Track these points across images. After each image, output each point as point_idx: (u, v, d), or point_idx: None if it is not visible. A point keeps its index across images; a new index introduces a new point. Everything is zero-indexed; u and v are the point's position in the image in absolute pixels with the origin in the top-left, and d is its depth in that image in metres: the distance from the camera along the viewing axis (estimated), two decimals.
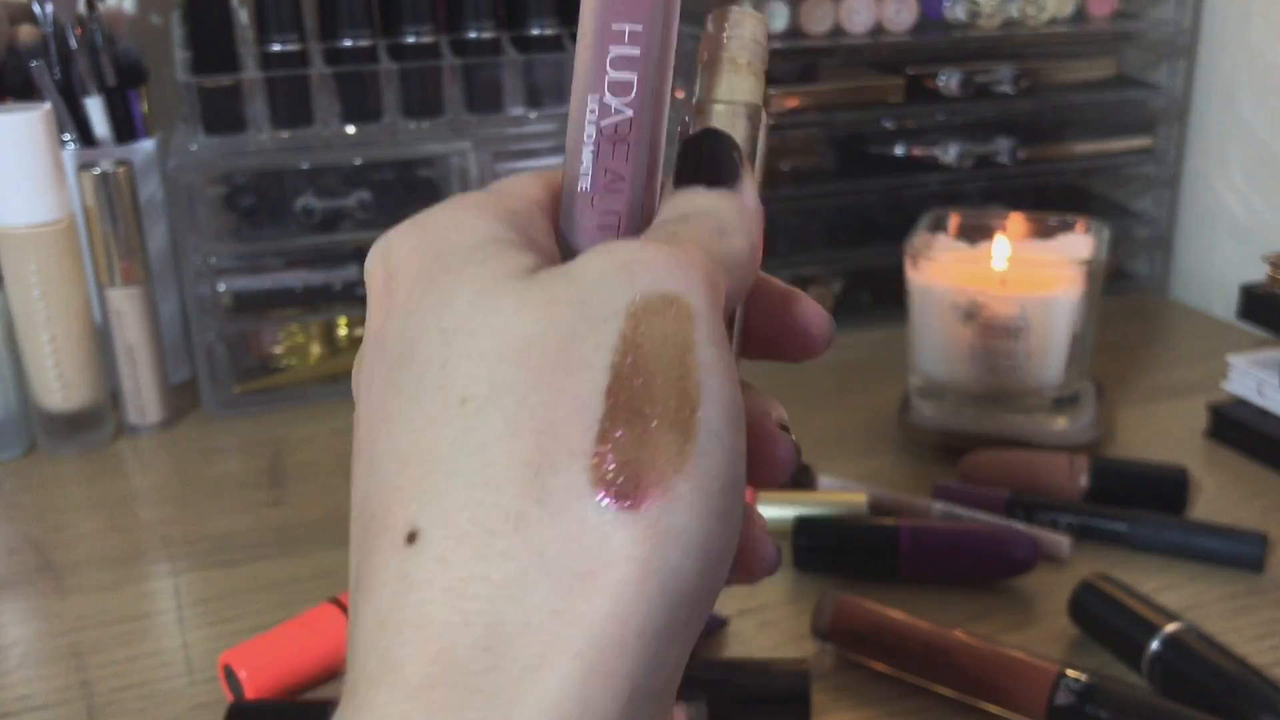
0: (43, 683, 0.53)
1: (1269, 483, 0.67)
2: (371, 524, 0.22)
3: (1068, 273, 0.69)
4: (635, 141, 0.26)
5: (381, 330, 0.24)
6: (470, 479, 0.21)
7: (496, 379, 0.21)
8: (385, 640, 0.20)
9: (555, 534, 0.20)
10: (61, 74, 0.75)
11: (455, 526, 0.20)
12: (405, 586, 0.20)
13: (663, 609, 0.20)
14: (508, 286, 0.23)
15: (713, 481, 0.21)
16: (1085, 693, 0.46)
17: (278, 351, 0.83)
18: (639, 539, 0.20)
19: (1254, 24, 0.89)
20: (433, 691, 0.19)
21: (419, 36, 0.79)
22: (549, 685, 0.19)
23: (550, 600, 0.20)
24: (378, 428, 0.23)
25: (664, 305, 0.22)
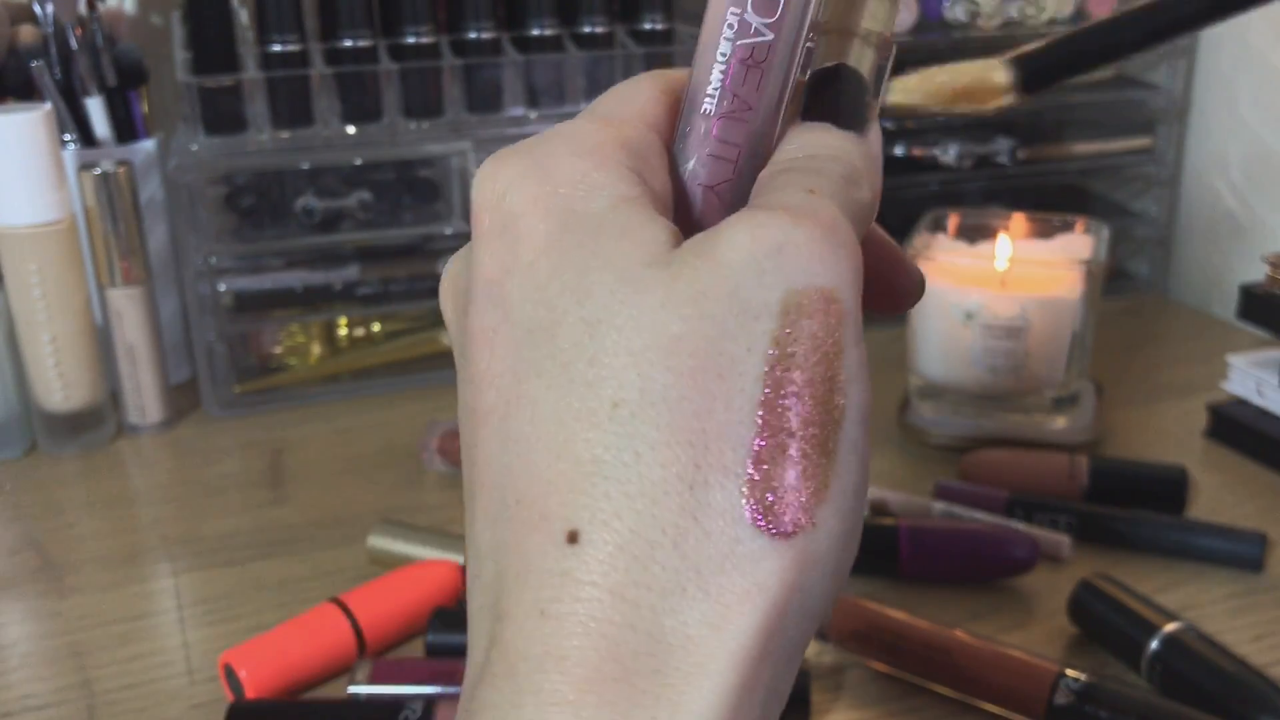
0: (44, 682, 0.53)
1: (1268, 483, 0.67)
2: (518, 509, 0.22)
3: (1067, 273, 0.69)
4: (771, 69, 0.24)
5: (504, 287, 0.24)
6: (627, 488, 0.21)
7: (646, 384, 0.22)
8: (548, 629, 0.21)
9: (711, 552, 0.21)
10: (62, 74, 0.75)
11: (616, 534, 0.21)
12: (569, 584, 0.21)
13: (799, 625, 0.22)
14: (650, 276, 0.22)
15: (850, 499, 0.22)
16: (1084, 692, 0.46)
17: (278, 351, 0.83)
18: (788, 566, 0.21)
19: (1254, 24, 0.89)
20: (604, 685, 0.21)
21: (419, 37, 0.79)
22: (706, 691, 0.21)
23: (708, 615, 0.21)
24: (517, 406, 0.23)
25: (818, 304, 0.22)
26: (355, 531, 0.62)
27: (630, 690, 0.21)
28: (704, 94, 0.24)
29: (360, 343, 0.84)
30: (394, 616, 0.54)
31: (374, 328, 0.84)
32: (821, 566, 0.22)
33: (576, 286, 0.23)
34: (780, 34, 0.24)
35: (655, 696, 0.21)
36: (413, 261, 0.81)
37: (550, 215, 0.23)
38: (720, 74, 0.24)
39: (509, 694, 0.21)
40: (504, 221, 0.24)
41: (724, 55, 0.24)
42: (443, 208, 0.79)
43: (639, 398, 0.22)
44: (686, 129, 0.25)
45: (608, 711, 0.21)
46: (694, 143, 0.25)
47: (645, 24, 0.83)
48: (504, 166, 0.24)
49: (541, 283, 0.23)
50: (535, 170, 0.24)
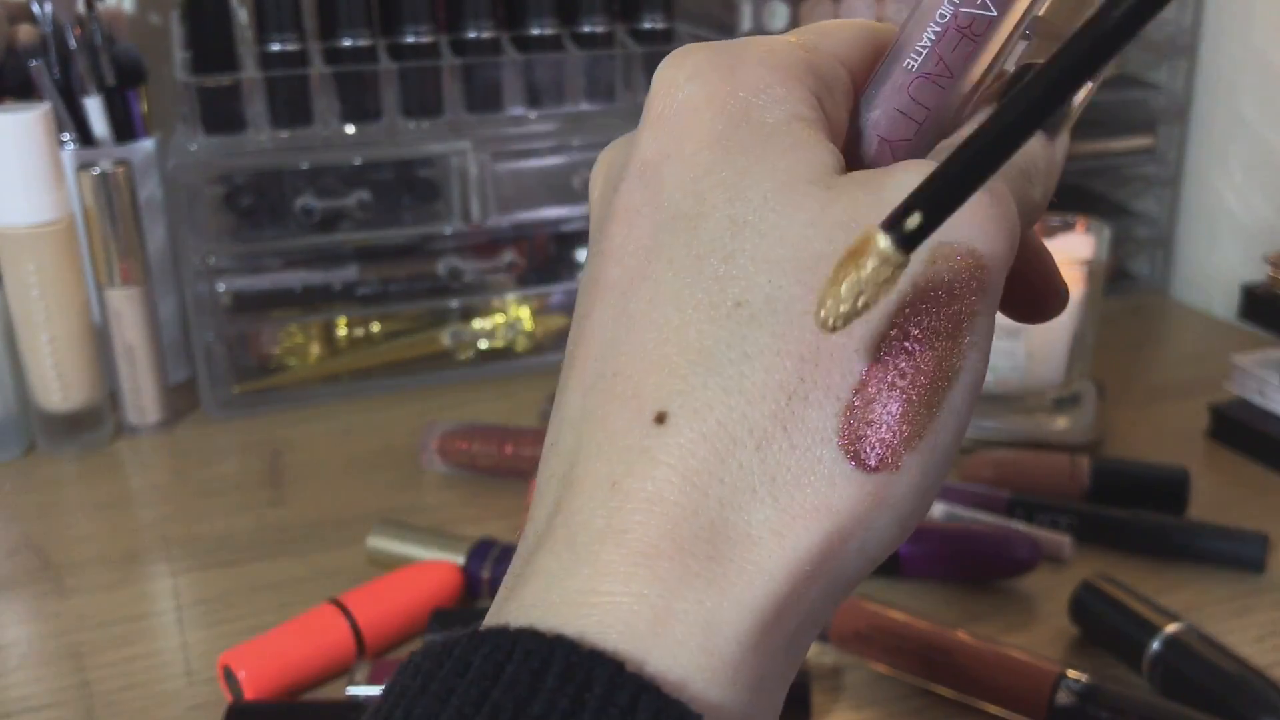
0: (42, 683, 0.53)
1: (1270, 483, 0.67)
2: (614, 381, 0.23)
3: (1069, 273, 0.68)
4: (984, 44, 0.24)
5: (660, 171, 0.24)
6: (728, 384, 0.22)
7: (775, 292, 0.22)
8: (616, 501, 0.22)
9: (792, 463, 0.21)
10: (61, 74, 0.75)
11: (704, 424, 0.22)
12: (647, 461, 0.22)
13: (857, 560, 0.22)
14: (808, 192, 0.22)
15: (938, 456, 0.22)
16: (1086, 693, 0.46)
17: (277, 352, 0.83)
18: (862, 498, 0.22)
19: (1255, 23, 0.89)
20: (658, 561, 0.21)
21: (419, 36, 0.79)
22: (755, 588, 0.21)
23: (772, 520, 0.21)
24: (639, 284, 0.23)
25: (965, 261, 0.22)
26: (354, 532, 0.62)
27: (682, 570, 0.21)
28: (911, 49, 0.24)
29: (359, 343, 0.84)
30: (393, 617, 0.54)
31: (373, 328, 0.84)
32: (894, 510, 0.22)
33: (733, 184, 0.23)
34: (1004, 13, 0.24)
35: (707, 580, 0.21)
36: (412, 261, 0.81)
37: (724, 113, 0.23)
38: (934, 34, 0.24)
39: (566, 561, 0.22)
40: (677, 109, 0.24)
41: (943, 17, 0.24)
42: (442, 207, 0.79)
43: (764, 303, 0.22)
44: (882, 78, 0.25)
45: (657, 586, 0.21)
46: (885, 93, 0.25)
47: (645, 23, 0.83)
48: (691, 56, 0.24)
49: (699, 174, 0.23)
50: (721, 67, 0.24)
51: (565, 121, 0.81)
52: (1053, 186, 0.26)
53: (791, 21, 0.83)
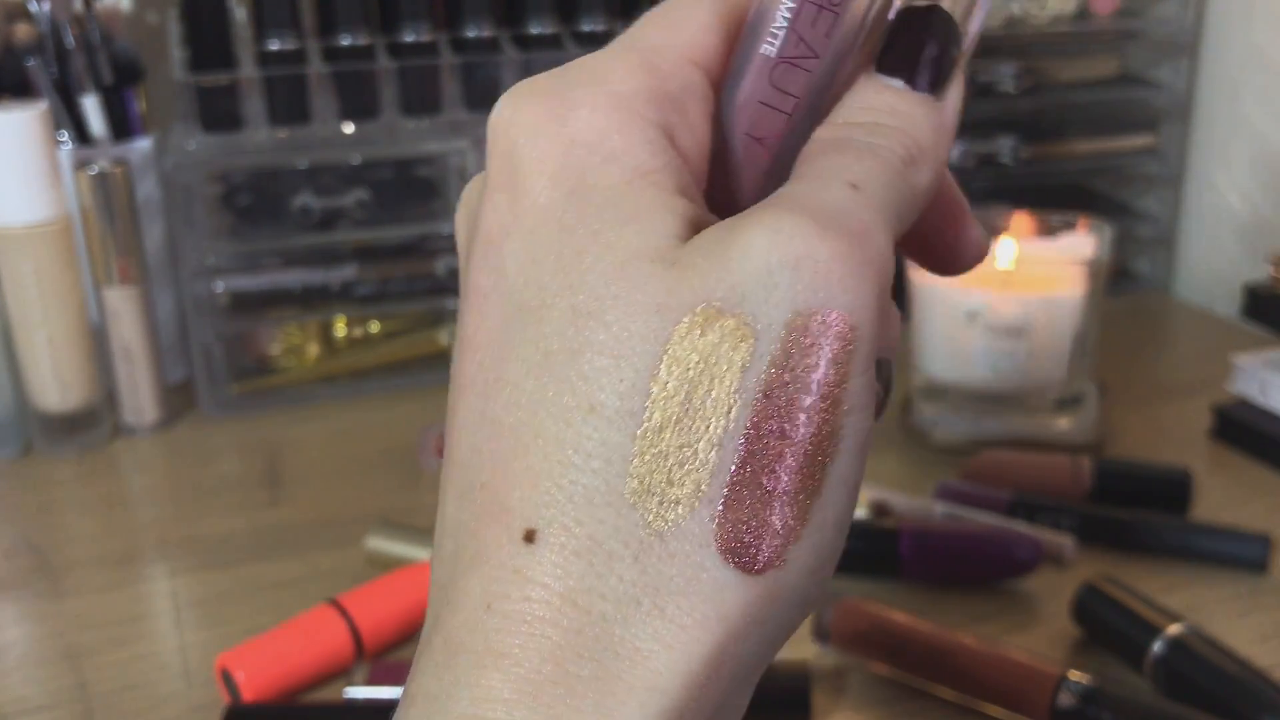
0: (40, 684, 0.52)
1: (1273, 483, 0.67)
2: (481, 493, 0.22)
3: (1071, 272, 0.68)
4: (845, 16, 0.22)
5: (501, 251, 0.22)
6: (592, 495, 0.21)
7: (626, 391, 0.21)
8: (493, 624, 0.21)
9: (673, 573, 0.20)
10: (58, 72, 0.75)
11: (574, 538, 0.21)
12: (519, 581, 0.21)
13: (758, 651, 0.21)
14: (650, 273, 0.21)
15: (829, 534, 0.21)
16: (1088, 695, 0.46)
17: (275, 352, 0.82)
18: (753, 600, 0.21)
19: (1257, 22, 0.89)
20: (541, 687, 0.20)
21: (417, 35, 0.79)
22: (647, 706, 0.20)
23: (661, 633, 0.20)
24: (496, 388, 0.22)
25: (827, 331, 0.20)
26: (353, 533, 0.62)
27: (568, 694, 0.20)
28: (765, 33, 0.22)
29: (358, 343, 0.83)
30: (392, 618, 0.54)
31: (372, 328, 0.84)
32: (788, 600, 0.21)
33: (571, 269, 0.21)
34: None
35: (594, 704, 0.20)
36: (411, 261, 0.80)
37: (558, 179, 0.22)
38: (789, 12, 0.22)
39: (447, 684, 0.21)
40: (510, 174, 0.22)
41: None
42: (441, 206, 0.79)
43: (618, 404, 0.21)
44: (741, 65, 0.23)
45: (543, 713, 0.20)
46: (747, 85, 0.22)
47: None
48: (521, 109, 0.23)
49: (537, 255, 0.22)
50: (554, 117, 0.22)
51: None
52: (946, 152, 0.23)
53: None
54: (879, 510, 0.62)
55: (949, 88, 0.23)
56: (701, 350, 0.20)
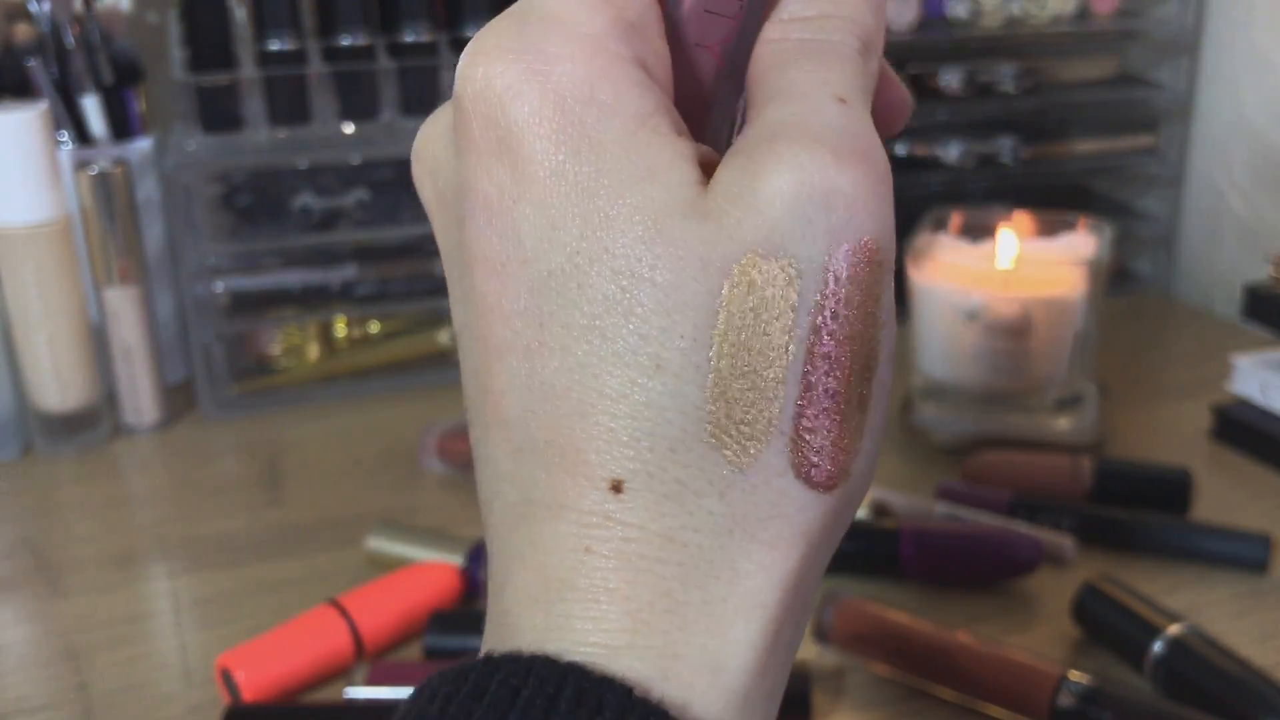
0: (40, 684, 0.52)
1: (1273, 484, 0.67)
2: (548, 451, 0.22)
3: (1071, 272, 0.68)
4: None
5: (510, 218, 0.22)
6: (674, 445, 0.22)
7: (688, 347, 0.22)
8: (596, 564, 0.22)
9: (758, 502, 0.22)
10: (58, 72, 0.75)
11: (663, 484, 0.22)
12: (615, 525, 0.22)
13: (831, 548, 0.24)
14: (685, 229, 0.21)
15: (877, 437, 0.23)
16: (1088, 695, 0.46)
17: (275, 352, 0.82)
18: (829, 513, 0.23)
19: (1257, 22, 0.89)
20: (657, 617, 0.22)
21: (417, 35, 0.79)
22: (754, 623, 0.22)
23: (756, 555, 0.22)
24: (541, 353, 0.22)
25: (864, 260, 0.22)
26: (353, 533, 0.62)
27: (681, 620, 0.22)
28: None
29: (358, 343, 0.83)
30: (392, 619, 0.54)
31: (372, 328, 0.84)
32: (854, 505, 0.23)
33: (600, 233, 0.22)
34: None
35: (705, 628, 0.22)
36: (411, 261, 0.80)
37: (559, 141, 0.22)
38: None
39: (558, 618, 0.22)
40: (503, 139, 0.22)
41: None
42: None
43: (682, 360, 0.22)
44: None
45: (660, 639, 0.22)
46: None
47: None
48: (496, 69, 0.22)
49: (557, 221, 0.22)
50: (534, 78, 0.22)
51: None
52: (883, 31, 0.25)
53: None
54: (879, 510, 0.62)
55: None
56: (753, 299, 0.21)
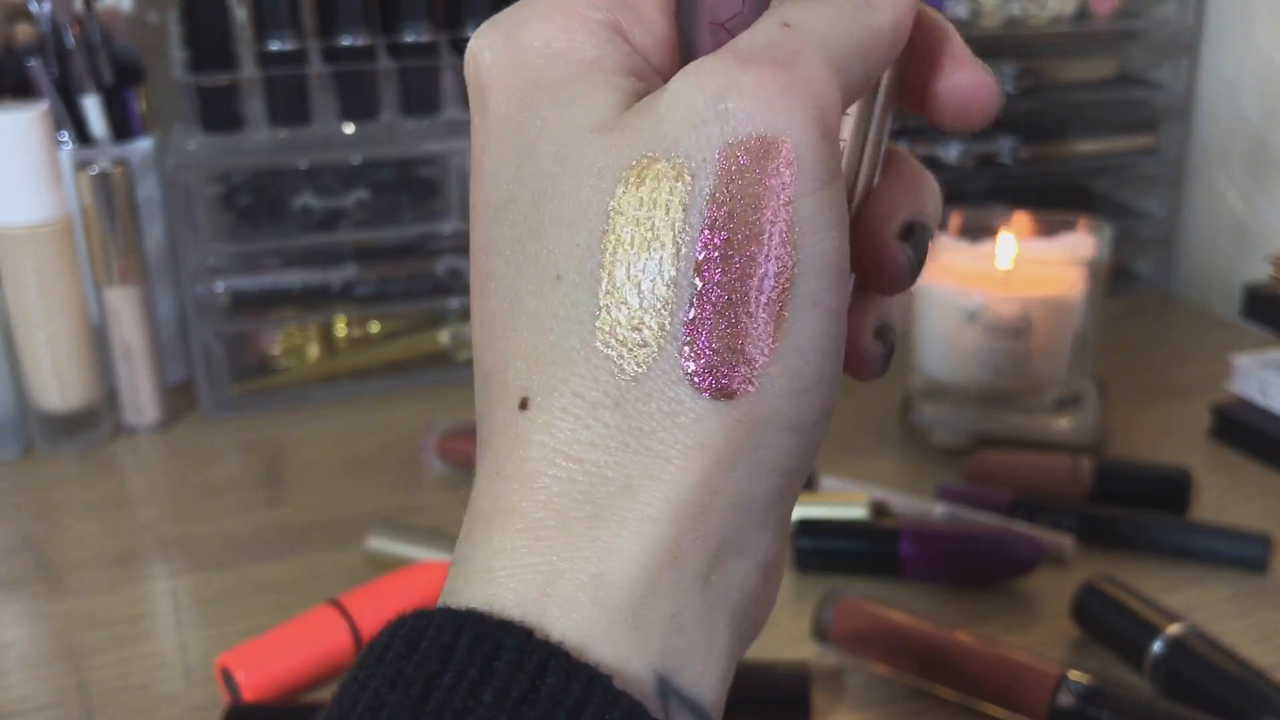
0: (40, 684, 0.52)
1: (1272, 483, 0.67)
2: (488, 382, 0.24)
3: (1070, 272, 0.68)
4: None
5: (481, 166, 0.24)
6: (572, 355, 0.22)
7: (584, 254, 0.22)
8: (498, 488, 0.23)
9: (653, 411, 0.22)
10: (59, 72, 0.75)
11: (561, 397, 0.22)
12: (518, 445, 0.22)
13: (759, 478, 0.22)
14: (591, 143, 0.22)
15: (807, 356, 0.22)
16: (1087, 694, 0.46)
17: (275, 352, 0.82)
18: (733, 425, 0.21)
19: (1257, 22, 0.89)
20: (542, 532, 0.22)
21: (417, 35, 0.79)
22: (640, 535, 0.21)
23: (649, 467, 0.21)
24: (483, 281, 0.24)
25: (760, 152, 0.21)
26: (353, 533, 0.62)
27: (566, 534, 0.22)
28: None
29: (358, 343, 0.83)
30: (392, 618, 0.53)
31: (372, 328, 0.84)
32: (773, 424, 0.22)
33: (526, 161, 0.23)
34: None
35: (590, 539, 0.21)
36: (411, 261, 0.80)
37: (512, 87, 0.23)
38: None
39: (465, 550, 0.23)
40: (478, 96, 0.24)
41: None
42: (441, 206, 0.79)
43: (577, 268, 0.22)
44: None
45: (543, 555, 0.21)
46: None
47: None
48: (480, 38, 0.24)
49: (504, 158, 0.23)
50: (504, 40, 0.24)
51: None
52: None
53: None
54: (879, 510, 0.62)
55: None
56: (642, 197, 0.21)
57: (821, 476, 0.65)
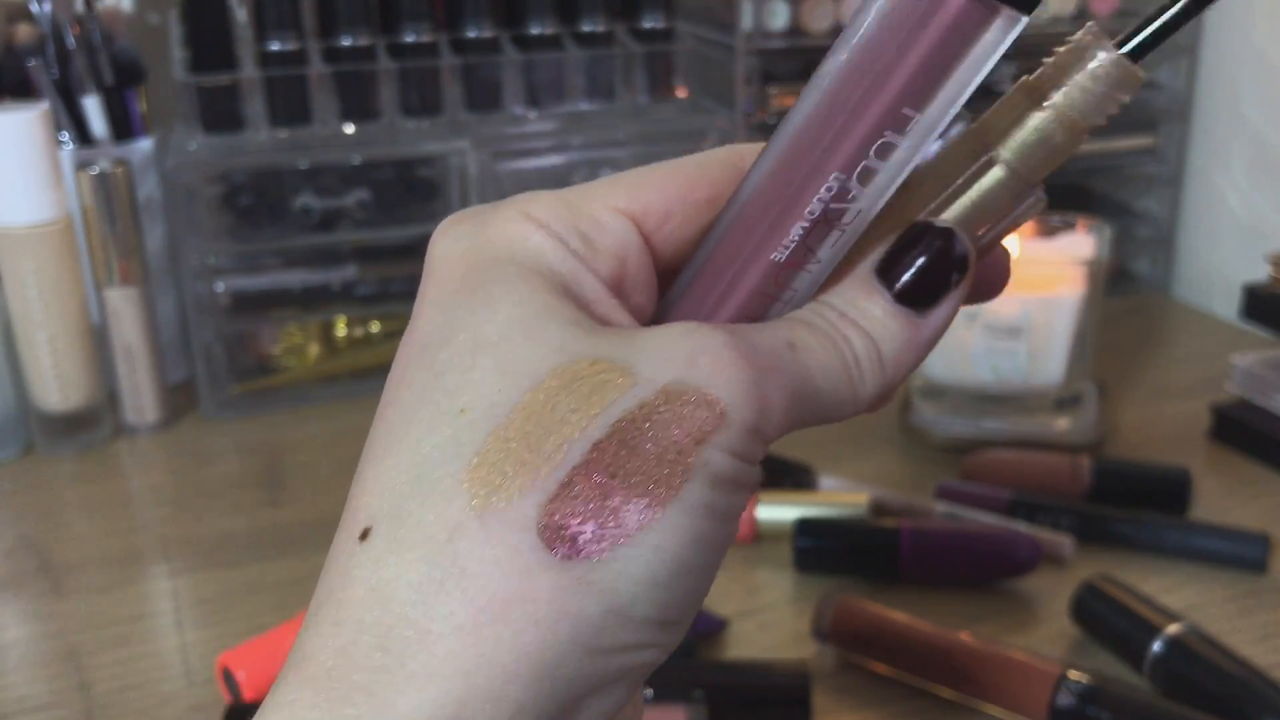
0: (41, 684, 0.53)
1: (1271, 483, 0.67)
2: (348, 513, 0.22)
3: (1070, 272, 0.68)
4: (851, 232, 0.23)
5: (417, 314, 0.24)
6: (436, 485, 0.21)
7: (499, 397, 0.21)
8: (309, 631, 0.21)
9: (485, 553, 0.20)
10: (59, 73, 0.75)
11: (402, 528, 0.21)
12: (342, 582, 0.21)
13: (572, 654, 0.20)
14: (560, 328, 0.22)
15: (665, 556, 0.21)
16: (1087, 694, 0.46)
17: (276, 352, 0.82)
18: (564, 587, 0.20)
19: (1256, 22, 0.89)
20: (324, 683, 0.20)
21: (418, 35, 0.79)
22: (427, 696, 0.20)
23: (458, 614, 0.20)
24: (381, 412, 0.23)
25: (700, 402, 0.21)
26: None
27: (346, 687, 0.20)
28: (775, 241, 0.23)
29: (358, 343, 0.83)
30: None
31: (372, 328, 0.84)
32: (609, 602, 0.20)
33: (480, 310, 0.22)
34: (871, 204, 0.23)
35: (369, 694, 0.20)
36: (411, 261, 0.80)
37: (473, 260, 0.23)
38: (801, 230, 0.23)
39: (268, 698, 0.21)
40: (435, 264, 0.24)
41: (810, 213, 0.23)
42: (441, 207, 0.79)
43: (487, 407, 0.21)
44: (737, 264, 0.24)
45: (319, 712, 0.20)
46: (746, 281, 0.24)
47: (645, 23, 0.83)
48: (454, 221, 0.24)
49: (447, 307, 0.23)
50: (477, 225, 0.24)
51: (565, 121, 0.81)
52: (912, 366, 0.24)
53: (791, 21, 0.83)
54: (879, 510, 0.62)
55: (933, 311, 0.24)
56: (581, 378, 0.21)
57: (821, 476, 0.65)
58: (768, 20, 0.82)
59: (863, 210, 0.23)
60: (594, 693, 0.21)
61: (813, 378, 0.23)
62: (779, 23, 0.82)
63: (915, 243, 0.24)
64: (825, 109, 0.23)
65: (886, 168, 0.23)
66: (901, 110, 0.22)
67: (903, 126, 0.22)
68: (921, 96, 0.22)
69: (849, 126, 0.22)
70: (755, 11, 0.82)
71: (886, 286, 0.24)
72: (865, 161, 0.22)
